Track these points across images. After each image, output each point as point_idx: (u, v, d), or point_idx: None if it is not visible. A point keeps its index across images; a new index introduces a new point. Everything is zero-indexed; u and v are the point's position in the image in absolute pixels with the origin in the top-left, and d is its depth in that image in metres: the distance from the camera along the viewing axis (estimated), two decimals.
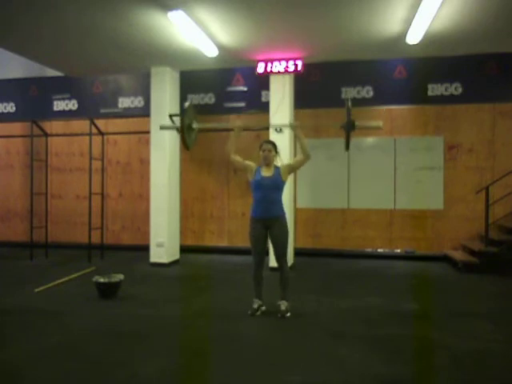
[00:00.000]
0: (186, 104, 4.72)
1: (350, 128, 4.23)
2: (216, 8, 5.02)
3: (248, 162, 4.56)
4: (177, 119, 5.64)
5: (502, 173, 6.97)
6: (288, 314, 4.37)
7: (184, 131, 4.50)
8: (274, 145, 4.54)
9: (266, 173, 4.44)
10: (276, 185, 4.42)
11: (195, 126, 4.71)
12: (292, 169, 4.61)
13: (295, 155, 7.59)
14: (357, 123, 4.26)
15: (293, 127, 4.63)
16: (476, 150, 7.40)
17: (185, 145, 4.64)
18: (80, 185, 8.64)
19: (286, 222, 4.48)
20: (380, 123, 4.45)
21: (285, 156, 6.80)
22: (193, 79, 7.93)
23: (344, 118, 7.66)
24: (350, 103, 4.35)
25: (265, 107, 7.21)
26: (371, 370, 3.16)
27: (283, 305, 4.42)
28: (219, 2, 4.89)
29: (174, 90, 7.53)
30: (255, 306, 4.47)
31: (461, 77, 7.34)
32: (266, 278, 4.69)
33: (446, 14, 5.18)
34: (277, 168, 4.49)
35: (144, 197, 8.27)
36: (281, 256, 4.47)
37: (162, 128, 5.04)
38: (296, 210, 7.71)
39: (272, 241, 4.48)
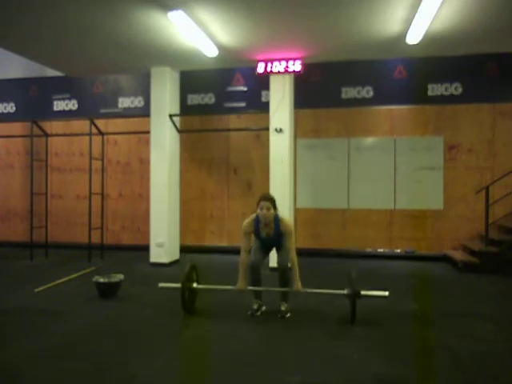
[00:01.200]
0: (187, 267, 4.49)
1: (355, 297, 4.07)
2: (216, 8, 5.03)
3: (248, 232, 4.40)
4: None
5: (501, 173, 6.97)
6: (288, 315, 4.39)
7: (185, 295, 4.30)
8: (272, 201, 4.28)
9: (266, 232, 4.38)
10: (275, 244, 4.50)
11: (195, 286, 4.54)
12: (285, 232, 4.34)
13: (295, 155, 7.60)
14: (363, 292, 4.09)
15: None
16: (476, 150, 7.40)
17: (185, 309, 4.35)
18: (80, 185, 8.64)
19: (291, 226, 4.38)
20: (386, 293, 4.18)
21: (285, 156, 6.84)
22: (193, 79, 7.93)
23: (344, 118, 7.65)
24: (353, 274, 4.27)
25: (265, 107, 7.21)
26: (371, 370, 3.16)
27: (283, 305, 4.45)
28: (219, 2, 4.89)
29: (174, 90, 7.53)
30: (255, 306, 4.47)
31: (461, 77, 7.34)
32: (267, 277, 4.69)
33: (446, 14, 5.18)
34: (277, 224, 4.32)
35: (144, 197, 8.27)
36: (283, 275, 4.46)
37: (161, 288, 4.71)
38: (296, 210, 7.71)
39: (276, 250, 4.58)
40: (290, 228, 4.32)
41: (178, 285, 4.32)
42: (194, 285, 4.54)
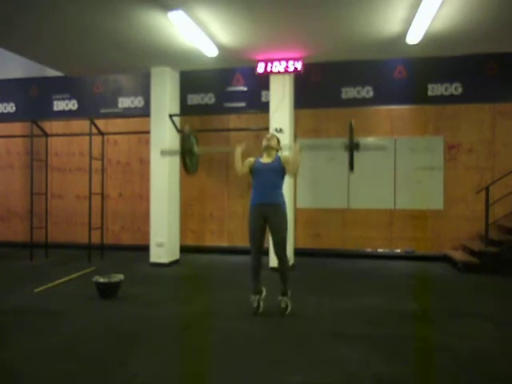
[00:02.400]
0: (187, 129, 4.65)
1: (353, 148, 4.16)
2: (216, 8, 5.02)
3: (248, 160, 4.49)
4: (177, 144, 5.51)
5: (502, 173, 6.97)
6: (288, 311, 4.42)
7: (185, 155, 4.43)
8: (277, 138, 4.59)
9: (266, 159, 4.43)
10: (276, 169, 4.34)
11: (196, 150, 4.64)
12: (286, 162, 4.38)
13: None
14: (361, 143, 4.21)
15: (295, 151, 4.37)
16: (476, 150, 7.40)
17: (186, 169, 4.52)
18: (80, 185, 8.64)
19: (285, 212, 4.37)
20: (384, 145, 4.40)
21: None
22: (193, 79, 7.92)
23: (344, 118, 7.66)
24: (353, 124, 4.31)
25: (265, 107, 7.21)
26: (371, 370, 3.16)
27: (283, 302, 4.46)
28: (219, 2, 4.89)
29: (174, 90, 7.54)
30: (255, 304, 4.44)
31: (461, 77, 7.33)
32: (266, 277, 4.69)
33: (446, 14, 5.18)
34: (277, 156, 4.49)
35: (144, 197, 8.27)
36: (280, 247, 4.35)
37: (162, 153, 4.92)
38: (296, 210, 7.71)
39: (271, 230, 4.35)
40: (288, 156, 4.45)
41: (178, 149, 4.53)
42: (195, 150, 4.62)
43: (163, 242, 7.19)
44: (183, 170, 4.78)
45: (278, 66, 6.76)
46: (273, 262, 5.98)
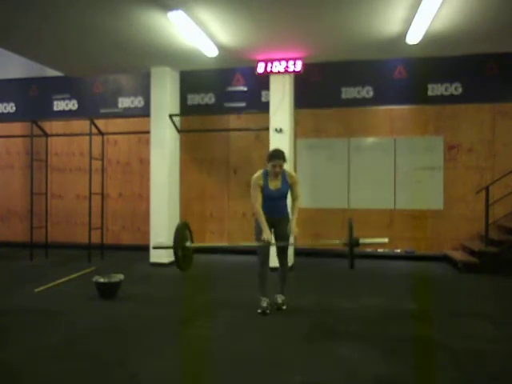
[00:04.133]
0: (178, 224, 4.46)
1: (353, 245, 4.03)
2: (216, 8, 5.02)
3: (259, 185, 4.43)
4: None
5: (502, 173, 6.97)
6: (284, 307, 4.56)
7: (177, 251, 4.22)
8: (284, 157, 4.41)
9: (274, 184, 4.45)
10: (284, 195, 4.53)
11: (188, 244, 4.44)
12: (293, 184, 4.56)
13: (295, 155, 7.60)
14: (361, 240, 4.02)
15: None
16: (476, 150, 7.39)
17: (178, 265, 4.28)
18: (80, 185, 8.63)
19: (290, 221, 4.54)
20: (386, 239, 4.13)
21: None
22: (193, 79, 7.93)
23: (344, 118, 7.68)
24: (351, 223, 4.21)
25: (265, 107, 7.21)
26: (371, 370, 3.16)
27: (280, 298, 4.62)
28: (219, 2, 4.89)
29: (174, 90, 7.54)
30: (264, 304, 4.47)
31: (461, 77, 7.34)
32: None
33: (446, 14, 5.18)
34: (284, 176, 4.48)
35: (144, 197, 8.27)
36: (285, 253, 4.60)
37: (154, 247, 4.65)
38: None
39: (276, 235, 4.55)
40: (296, 178, 4.60)
41: (171, 244, 4.26)
42: (187, 243, 4.42)
43: (163, 242, 7.18)
44: (183, 170, 4.77)
45: (277, 66, 6.75)
46: (272, 262, 5.98)
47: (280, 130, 6.78)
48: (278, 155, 4.37)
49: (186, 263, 4.40)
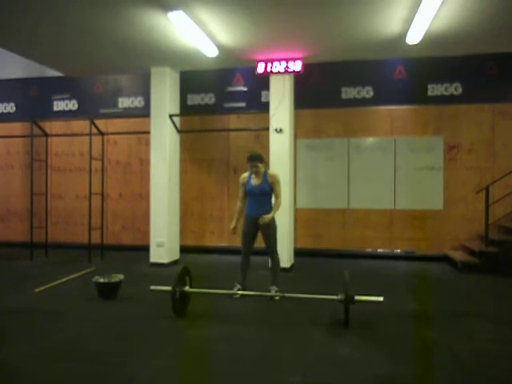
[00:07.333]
0: (178, 269, 4.50)
1: (349, 302, 4.01)
2: (216, 8, 5.02)
3: (242, 183, 5.22)
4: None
5: (502, 173, 6.97)
6: (277, 298, 4.84)
7: (176, 298, 4.25)
8: (259, 159, 5.05)
9: (255, 181, 5.11)
10: (263, 192, 5.08)
11: (187, 289, 4.50)
12: (274, 183, 5.10)
13: (295, 155, 7.60)
14: (356, 298, 4.03)
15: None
16: (476, 150, 7.40)
17: (174, 310, 4.28)
18: (80, 185, 8.64)
19: (273, 219, 5.09)
20: (380, 298, 4.10)
21: (285, 156, 6.83)
22: (193, 79, 7.92)
23: (344, 118, 7.66)
24: (347, 276, 4.18)
25: (265, 107, 7.21)
26: (371, 370, 3.16)
27: (273, 289, 5.01)
28: (219, 2, 4.89)
29: (174, 90, 7.53)
30: (235, 289, 5.02)
31: (461, 77, 7.34)
32: (265, 277, 4.69)
33: (446, 14, 5.18)
34: (265, 175, 5.10)
35: (144, 197, 8.27)
36: (272, 247, 5.16)
37: (152, 290, 4.68)
38: (296, 210, 7.70)
39: (263, 234, 5.14)
40: (276, 178, 5.12)
41: (169, 288, 4.29)
42: (186, 288, 4.50)
43: (163, 242, 7.19)
44: (183, 170, 4.81)
45: (277, 66, 6.75)
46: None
47: (280, 130, 6.78)
48: (252, 157, 5.06)
49: (182, 308, 4.40)
